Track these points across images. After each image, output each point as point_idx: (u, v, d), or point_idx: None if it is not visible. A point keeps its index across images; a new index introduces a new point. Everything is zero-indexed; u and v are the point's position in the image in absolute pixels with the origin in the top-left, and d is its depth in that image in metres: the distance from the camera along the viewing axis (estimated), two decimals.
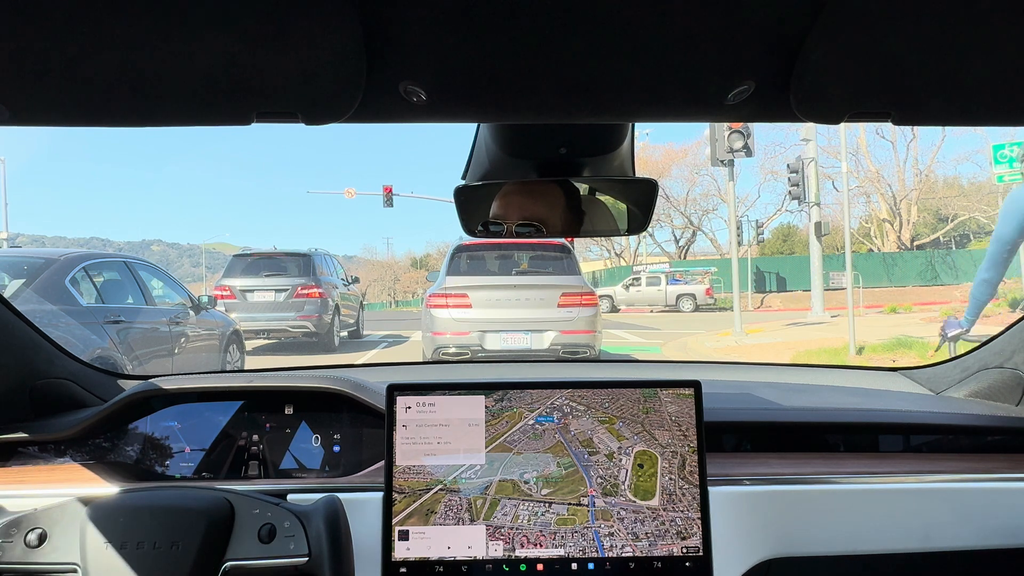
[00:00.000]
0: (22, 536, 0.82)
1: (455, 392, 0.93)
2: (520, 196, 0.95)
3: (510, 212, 0.95)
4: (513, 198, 0.95)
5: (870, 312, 15.68)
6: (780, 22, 0.54)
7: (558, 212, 0.97)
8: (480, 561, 0.88)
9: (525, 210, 0.95)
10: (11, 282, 4.45)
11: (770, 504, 0.97)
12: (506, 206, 0.96)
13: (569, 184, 0.97)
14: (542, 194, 0.96)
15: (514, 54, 0.57)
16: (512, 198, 0.95)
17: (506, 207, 0.96)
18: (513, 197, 0.95)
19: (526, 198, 0.95)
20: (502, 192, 0.96)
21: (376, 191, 20.47)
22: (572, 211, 0.99)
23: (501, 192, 0.96)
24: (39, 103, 0.59)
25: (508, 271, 6.78)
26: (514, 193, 0.95)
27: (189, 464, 1.08)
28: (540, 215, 0.95)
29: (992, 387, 1.23)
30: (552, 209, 0.97)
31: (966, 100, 0.61)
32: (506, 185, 0.95)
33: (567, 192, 0.97)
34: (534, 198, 0.96)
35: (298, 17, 0.50)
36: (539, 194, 0.96)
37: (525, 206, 0.95)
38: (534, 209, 0.95)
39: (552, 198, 0.96)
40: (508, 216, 0.96)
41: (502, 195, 0.96)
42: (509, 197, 0.95)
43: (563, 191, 0.97)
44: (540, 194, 0.96)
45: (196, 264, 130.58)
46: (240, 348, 7.13)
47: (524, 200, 0.95)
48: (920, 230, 28.52)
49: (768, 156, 30.12)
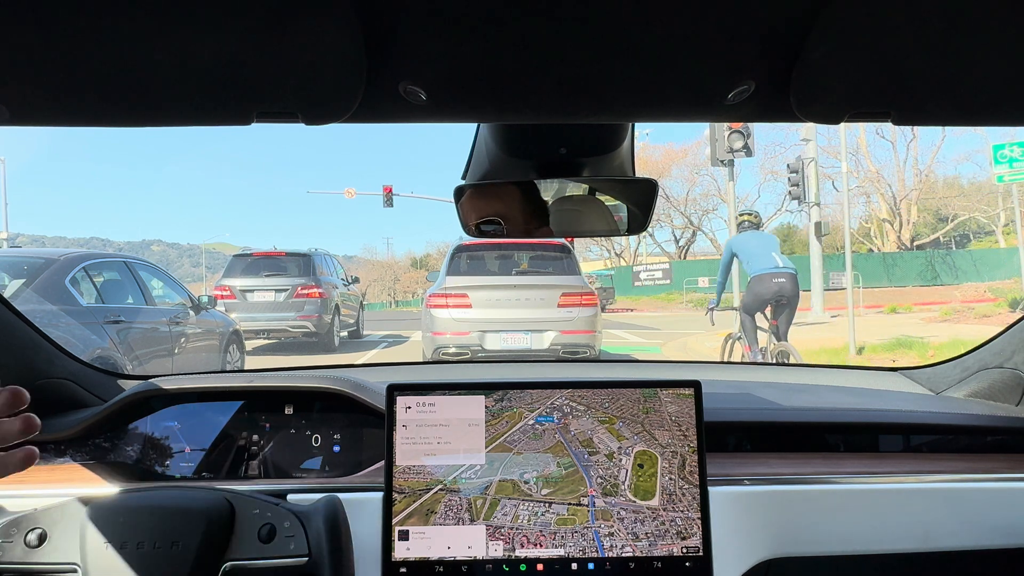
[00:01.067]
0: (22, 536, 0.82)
1: (455, 392, 0.93)
2: (519, 196, 0.95)
3: (509, 212, 0.95)
4: (512, 198, 0.95)
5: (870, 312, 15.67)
6: (780, 22, 0.54)
7: (557, 212, 0.97)
8: (480, 561, 0.88)
9: (524, 210, 0.95)
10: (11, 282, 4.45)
11: (770, 504, 0.97)
12: (505, 206, 0.96)
13: (568, 184, 0.97)
14: (541, 194, 0.96)
15: (514, 54, 0.57)
16: (511, 198, 0.95)
17: (505, 207, 0.96)
18: (512, 197, 0.95)
19: (525, 198, 0.95)
20: (501, 192, 0.96)
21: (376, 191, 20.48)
22: (571, 211, 0.99)
23: (500, 192, 0.96)
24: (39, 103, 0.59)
25: (508, 271, 6.78)
26: (513, 193, 0.95)
27: (189, 464, 1.08)
28: (539, 215, 0.96)
29: (992, 387, 1.23)
30: (551, 209, 0.97)
31: (966, 100, 0.61)
32: (505, 185, 0.95)
33: (566, 192, 0.98)
34: (533, 198, 0.96)
35: (298, 17, 0.50)
36: (538, 194, 0.96)
37: (524, 206, 0.95)
38: (533, 209, 0.95)
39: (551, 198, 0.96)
40: (507, 216, 0.96)
41: (501, 195, 0.96)
42: (508, 197, 0.96)
43: (562, 191, 0.97)
44: (539, 194, 0.96)
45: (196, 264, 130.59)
46: (240, 348, 7.13)
47: (523, 200, 0.95)
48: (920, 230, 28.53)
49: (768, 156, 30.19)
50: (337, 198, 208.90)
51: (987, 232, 29.03)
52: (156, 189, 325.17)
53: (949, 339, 8.79)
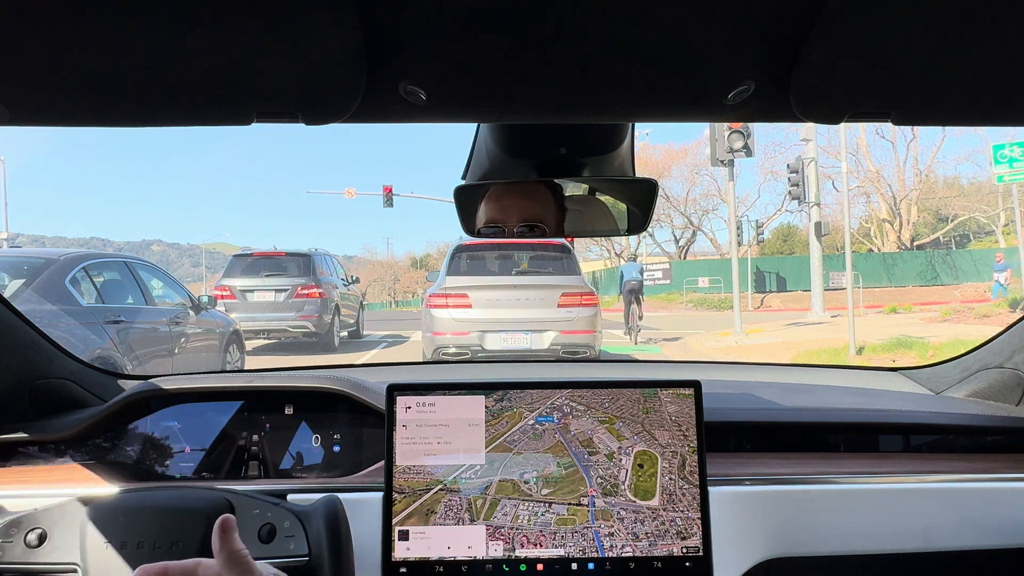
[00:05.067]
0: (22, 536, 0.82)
1: (455, 392, 0.93)
2: (519, 196, 0.95)
3: (509, 212, 0.95)
4: (512, 198, 0.95)
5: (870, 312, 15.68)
6: (780, 22, 0.54)
7: (557, 212, 0.97)
8: (480, 561, 0.88)
9: (524, 210, 0.95)
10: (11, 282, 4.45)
11: (770, 504, 0.97)
12: (505, 206, 0.96)
13: (568, 184, 0.97)
14: (541, 194, 0.96)
15: (514, 54, 0.57)
16: (511, 198, 0.95)
17: (505, 207, 0.96)
18: (512, 197, 0.95)
19: (525, 198, 0.95)
20: (501, 192, 0.96)
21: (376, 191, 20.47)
22: (571, 211, 0.99)
23: (500, 192, 0.96)
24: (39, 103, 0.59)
25: (508, 271, 6.78)
26: (512, 193, 0.95)
27: (189, 464, 1.08)
28: (539, 215, 0.95)
29: (992, 387, 1.23)
30: (551, 209, 0.97)
31: (966, 100, 0.61)
32: (505, 185, 0.95)
33: (566, 192, 0.98)
34: (533, 198, 0.96)
35: (298, 17, 0.50)
36: (538, 194, 0.96)
37: (524, 206, 0.95)
38: (533, 209, 0.95)
39: (551, 198, 0.96)
40: (507, 216, 0.96)
41: (501, 195, 0.96)
42: (508, 197, 0.95)
43: (562, 191, 0.97)
44: (539, 194, 0.96)
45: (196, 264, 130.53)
46: (240, 348, 7.13)
47: (523, 200, 0.95)
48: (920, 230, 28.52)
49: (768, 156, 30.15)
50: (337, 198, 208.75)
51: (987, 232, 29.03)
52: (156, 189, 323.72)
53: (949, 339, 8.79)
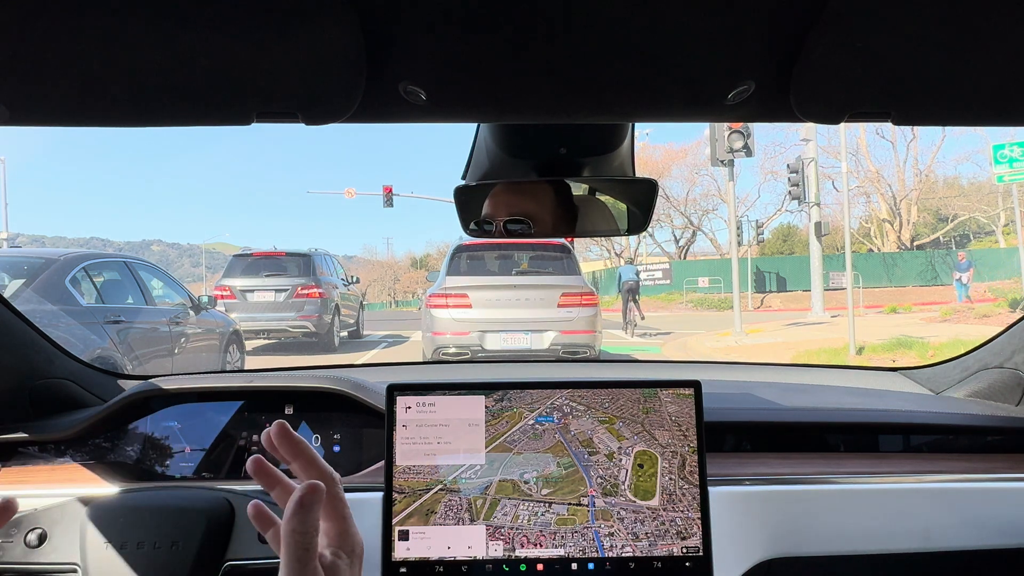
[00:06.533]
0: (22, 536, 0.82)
1: (455, 392, 0.93)
2: (519, 196, 0.95)
3: (509, 212, 0.95)
4: (512, 198, 0.95)
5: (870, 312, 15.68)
6: (780, 22, 0.54)
7: (557, 212, 0.97)
8: (480, 561, 0.88)
9: (524, 210, 0.95)
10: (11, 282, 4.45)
11: (770, 504, 0.97)
12: (505, 206, 0.95)
13: (568, 184, 0.97)
14: (541, 194, 0.96)
15: (514, 54, 0.57)
16: (511, 198, 0.95)
17: (505, 207, 0.96)
18: (512, 197, 0.95)
19: (525, 198, 0.95)
20: (501, 192, 0.96)
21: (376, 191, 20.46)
22: (571, 211, 0.99)
23: (500, 192, 0.96)
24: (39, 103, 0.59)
25: (508, 271, 6.78)
26: (513, 193, 0.95)
27: (189, 464, 1.08)
28: (539, 215, 0.95)
29: (992, 387, 1.22)
30: (551, 209, 0.97)
31: (966, 100, 0.61)
32: (505, 185, 0.95)
33: (566, 192, 0.97)
34: (533, 198, 0.96)
35: (298, 17, 0.50)
36: (538, 194, 0.96)
37: (524, 206, 0.95)
38: (533, 209, 0.95)
39: (551, 198, 0.96)
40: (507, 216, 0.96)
41: (501, 195, 0.96)
42: (508, 197, 0.95)
43: (562, 191, 0.97)
44: (539, 194, 0.96)
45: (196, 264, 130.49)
46: (240, 348, 7.13)
47: (523, 200, 0.95)
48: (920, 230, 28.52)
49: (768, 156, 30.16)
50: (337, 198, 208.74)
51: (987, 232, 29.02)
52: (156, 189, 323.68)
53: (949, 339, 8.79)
